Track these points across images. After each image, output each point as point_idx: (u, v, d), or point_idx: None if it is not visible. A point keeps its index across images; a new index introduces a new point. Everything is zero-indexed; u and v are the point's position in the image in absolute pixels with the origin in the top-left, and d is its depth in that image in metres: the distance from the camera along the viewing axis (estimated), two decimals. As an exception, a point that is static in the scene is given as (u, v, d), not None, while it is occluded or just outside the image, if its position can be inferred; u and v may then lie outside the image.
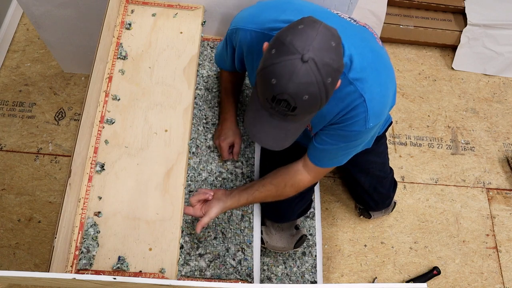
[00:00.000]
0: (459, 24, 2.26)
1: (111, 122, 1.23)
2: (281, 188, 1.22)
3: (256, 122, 0.98)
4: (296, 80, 0.85)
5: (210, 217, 1.15)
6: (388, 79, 1.10)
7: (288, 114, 0.90)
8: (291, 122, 0.95)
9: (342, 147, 1.14)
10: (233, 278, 1.26)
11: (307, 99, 0.87)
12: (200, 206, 1.19)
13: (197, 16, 1.44)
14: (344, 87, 1.02)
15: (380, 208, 1.76)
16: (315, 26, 0.87)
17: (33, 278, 0.87)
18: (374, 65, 1.05)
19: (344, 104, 1.04)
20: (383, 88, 1.06)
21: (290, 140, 1.01)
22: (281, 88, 0.86)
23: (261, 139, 1.00)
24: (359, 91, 1.01)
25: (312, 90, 0.86)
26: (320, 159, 1.18)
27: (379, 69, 1.07)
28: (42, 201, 1.77)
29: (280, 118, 0.93)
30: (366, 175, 1.61)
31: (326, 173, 1.25)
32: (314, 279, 1.56)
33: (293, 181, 1.22)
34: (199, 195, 1.19)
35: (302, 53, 0.84)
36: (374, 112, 1.04)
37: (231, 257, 1.29)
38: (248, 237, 1.33)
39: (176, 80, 1.32)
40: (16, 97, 1.99)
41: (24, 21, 2.19)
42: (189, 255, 1.27)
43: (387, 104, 1.09)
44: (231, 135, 1.38)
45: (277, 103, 0.89)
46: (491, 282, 1.78)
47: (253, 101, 0.98)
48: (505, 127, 2.15)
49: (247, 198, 1.22)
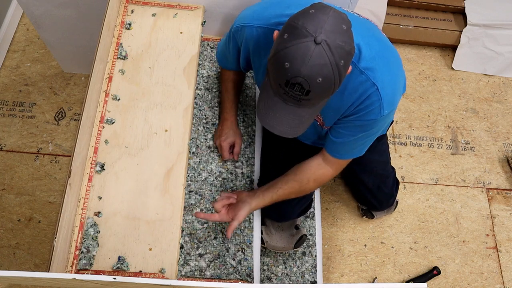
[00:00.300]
0: (459, 24, 2.26)
1: (111, 122, 1.23)
2: (304, 183, 1.22)
3: (269, 110, 0.97)
4: (310, 62, 0.84)
5: (239, 220, 1.15)
6: (397, 66, 1.12)
7: (302, 98, 0.90)
8: (305, 107, 0.94)
9: (360, 137, 1.14)
10: (233, 278, 1.26)
11: (321, 82, 0.86)
12: (226, 211, 1.19)
13: (197, 16, 1.44)
14: (356, 77, 1.03)
15: (383, 208, 1.76)
16: (326, 10, 0.88)
17: (33, 278, 0.87)
18: (382, 53, 1.07)
19: (357, 94, 1.04)
20: (394, 76, 1.08)
21: (305, 126, 1.00)
22: (295, 71, 0.86)
23: (274, 127, 0.99)
24: (371, 80, 1.02)
25: (326, 72, 0.86)
26: (339, 151, 1.19)
27: (387, 57, 1.08)
28: (42, 201, 1.77)
29: (294, 103, 0.92)
30: (370, 175, 1.61)
31: (346, 165, 1.25)
32: (314, 279, 1.56)
33: (316, 176, 1.22)
34: (223, 200, 1.18)
35: (314, 36, 0.84)
36: (387, 99, 1.04)
37: (231, 257, 1.29)
38: (248, 237, 1.33)
39: (176, 80, 1.32)
40: (16, 97, 1.99)
41: (24, 21, 2.19)
42: (189, 255, 1.27)
43: (399, 91, 1.10)
44: (231, 135, 1.38)
45: (290, 88, 0.88)
46: (491, 282, 1.78)
47: (264, 90, 0.98)
48: (505, 127, 2.15)
49: (271, 197, 1.22)
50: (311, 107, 0.95)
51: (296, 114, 0.95)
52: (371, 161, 1.57)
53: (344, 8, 1.34)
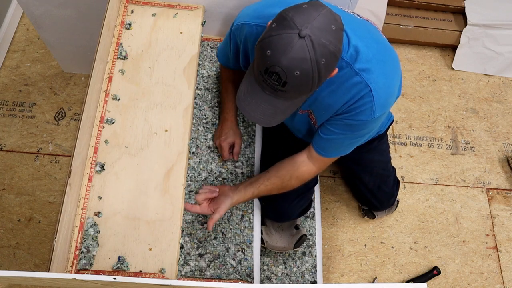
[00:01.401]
0: (459, 24, 2.26)
1: (111, 122, 1.23)
2: (286, 180, 1.23)
3: (247, 96, 0.99)
4: (290, 54, 0.86)
5: (220, 214, 1.17)
6: (394, 69, 1.11)
7: (279, 89, 0.91)
8: (281, 99, 0.95)
9: (348, 137, 1.14)
10: (233, 278, 1.26)
11: (298, 76, 0.87)
12: (207, 204, 1.20)
13: (197, 16, 1.44)
14: (351, 77, 1.03)
15: (384, 207, 1.76)
16: (319, 8, 0.89)
17: (33, 278, 0.87)
18: (379, 56, 1.07)
19: (350, 94, 1.05)
20: (389, 79, 1.07)
21: (278, 118, 1.00)
22: (274, 60, 0.87)
23: (249, 113, 1.00)
24: (365, 82, 1.03)
25: (304, 66, 0.86)
26: (325, 149, 1.19)
27: (384, 59, 1.08)
28: (42, 201, 1.77)
29: (271, 92, 0.93)
30: (370, 175, 1.61)
31: (330, 164, 1.26)
32: (314, 279, 1.56)
33: (298, 173, 1.23)
34: (206, 194, 1.19)
35: (300, 29, 0.85)
36: (380, 102, 1.05)
37: (231, 257, 1.29)
38: (248, 237, 1.33)
39: (176, 80, 1.32)
40: (16, 97, 1.99)
41: (24, 21, 2.19)
42: (189, 255, 1.27)
43: (392, 94, 1.10)
44: (231, 135, 1.38)
45: (269, 76, 0.89)
46: (491, 282, 1.78)
47: (248, 75, 1.00)
48: (505, 127, 2.15)
49: (252, 192, 1.22)
50: (287, 100, 0.95)
51: (271, 104, 0.96)
52: (372, 161, 1.57)
53: (344, 8, 1.34)
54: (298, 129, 1.37)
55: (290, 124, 1.40)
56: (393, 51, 1.15)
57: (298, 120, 1.29)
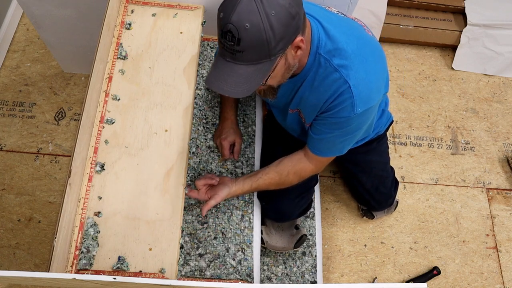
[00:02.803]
0: (459, 24, 2.26)
1: (111, 122, 1.23)
2: (284, 175, 1.24)
3: (212, 71, 0.99)
4: (238, 9, 0.87)
5: (216, 200, 1.19)
6: (376, 64, 1.11)
7: (235, 50, 0.91)
8: (242, 65, 0.94)
9: (338, 135, 1.15)
10: (233, 278, 1.26)
11: (249, 29, 0.88)
12: (206, 190, 1.22)
13: (197, 16, 1.44)
14: (330, 74, 1.04)
15: (382, 208, 1.76)
16: None
17: (33, 278, 0.87)
18: (359, 51, 1.07)
19: (331, 91, 1.06)
20: (370, 74, 1.07)
21: (244, 88, 0.98)
22: (226, 18, 0.89)
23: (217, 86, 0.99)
24: (344, 78, 1.03)
25: (253, 18, 0.87)
26: (319, 148, 1.20)
27: (365, 55, 1.08)
28: (42, 201, 1.77)
29: (231, 58, 0.94)
30: (368, 175, 1.61)
31: (328, 163, 1.28)
32: (314, 279, 1.56)
33: (296, 169, 1.24)
34: (206, 180, 1.22)
35: None
36: (360, 97, 1.05)
37: (231, 257, 1.29)
38: (248, 237, 1.33)
39: (176, 80, 1.32)
40: (16, 97, 1.99)
41: (24, 21, 2.19)
42: (189, 255, 1.27)
43: (376, 89, 1.10)
44: (232, 134, 1.38)
45: (224, 38, 0.91)
46: (491, 282, 1.78)
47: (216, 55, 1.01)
48: (505, 127, 2.15)
49: (251, 185, 1.24)
50: (248, 65, 0.94)
51: (234, 71, 0.95)
52: (370, 162, 1.57)
53: (344, 8, 1.35)
54: (292, 128, 1.38)
55: (284, 124, 1.40)
56: (376, 47, 1.14)
57: (290, 119, 1.30)
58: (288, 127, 1.39)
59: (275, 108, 1.38)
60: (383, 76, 1.15)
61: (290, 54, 0.98)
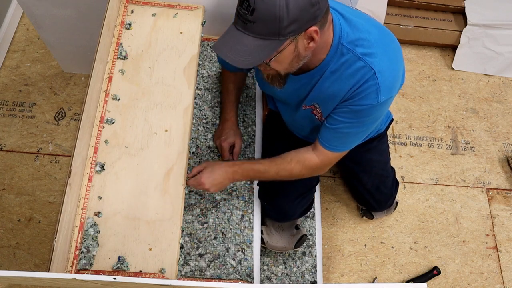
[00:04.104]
0: (459, 24, 2.26)
1: (111, 122, 1.23)
2: (286, 161, 1.23)
3: (222, 36, 1.00)
4: None
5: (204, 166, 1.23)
6: (397, 53, 1.11)
7: (248, 20, 0.92)
8: (251, 36, 0.94)
9: (354, 125, 1.13)
10: (233, 278, 1.26)
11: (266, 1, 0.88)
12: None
13: (197, 16, 1.44)
14: (354, 63, 1.04)
15: (382, 208, 1.76)
16: None
17: (33, 278, 0.87)
18: (381, 40, 1.07)
19: (355, 79, 1.05)
20: (393, 62, 1.08)
21: (247, 58, 0.98)
22: None
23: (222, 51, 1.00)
24: (369, 65, 1.03)
25: None
26: (330, 140, 1.18)
27: (386, 44, 1.08)
28: (42, 201, 1.77)
29: (242, 27, 0.94)
30: (369, 175, 1.61)
31: (333, 163, 1.26)
32: (314, 279, 1.56)
33: (299, 158, 1.23)
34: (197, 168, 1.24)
35: None
36: (385, 85, 1.04)
37: (231, 257, 1.29)
38: (248, 237, 1.33)
39: (176, 80, 1.32)
40: (16, 97, 1.99)
41: (24, 21, 2.19)
42: (189, 255, 1.27)
43: (397, 78, 1.10)
44: (232, 135, 1.38)
45: (241, 5, 0.92)
46: (491, 282, 1.78)
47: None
48: (505, 127, 2.15)
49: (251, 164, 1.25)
50: (256, 38, 0.94)
51: (241, 41, 0.96)
52: (371, 160, 1.57)
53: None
54: (301, 126, 1.37)
55: (292, 122, 1.40)
56: (394, 38, 1.15)
57: (300, 116, 1.29)
58: (297, 125, 1.38)
59: (285, 105, 1.36)
60: (402, 65, 1.15)
61: (302, 43, 0.97)
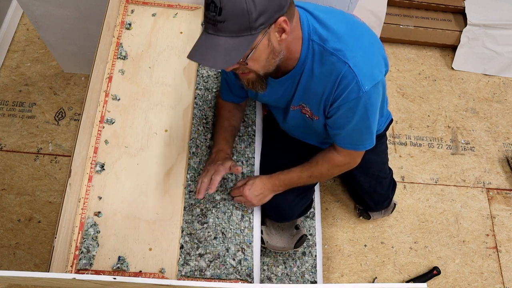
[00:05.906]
0: (459, 24, 2.26)
1: (111, 122, 1.23)
2: (314, 164, 1.27)
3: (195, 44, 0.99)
4: None
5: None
6: (371, 43, 1.11)
7: (217, 20, 0.91)
8: (222, 36, 0.94)
9: (358, 121, 1.12)
10: (233, 278, 1.26)
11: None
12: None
13: (197, 16, 1.43)
14: (327, 58, 1.04)
15: (379, 209, 1.76)
16: None
17: (33, 278, 0.87)
18: (351, 31, 1.07)
19: (333, 77, 1.05)
20: (366, 51, 1.07)
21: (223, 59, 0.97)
22: None
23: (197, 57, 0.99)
24: (342, 59, 1.03)
25: None
26: (343, 142, 1.20)
27: (357, 35, 1.08)
28: (42, 201, 1.77)
29: (213, 30, 0.94)
30: (366, 175, 1.61)
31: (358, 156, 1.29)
32: (314, 279, 1.56)
33: (325, 158, 1.27)
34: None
35: None
36: (363, 74, 1.04)
37: (231, 257, 1.29)
38: (248, 237, 1.33)
39: (176, 80, 1.32)
40: (16, 97, 1.99)
41: (24, 21, 2.19)
42: (189, 255, 1.26)
43: (376, 64, 1.09)
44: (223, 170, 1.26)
45: (208, 10, 0.92)
46: (491, 282, 1.78)
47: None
48: (505, 127, 2.15)
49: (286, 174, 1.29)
50: (228, 37, 0.94)
51: (214, 43, 0.96)
52: (368, 160, 1.56)
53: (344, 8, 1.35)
54: (295, 127, 1.37)
55: (285, 125, 1.40)
56: (366, 27, 1.15)
57: (291, 117, 1.29)
58: (290, 127, 1.38)
59: (276, 108, 1.37)
60: (380, 52, 1.14)
61: (274, 36, 0.97)
